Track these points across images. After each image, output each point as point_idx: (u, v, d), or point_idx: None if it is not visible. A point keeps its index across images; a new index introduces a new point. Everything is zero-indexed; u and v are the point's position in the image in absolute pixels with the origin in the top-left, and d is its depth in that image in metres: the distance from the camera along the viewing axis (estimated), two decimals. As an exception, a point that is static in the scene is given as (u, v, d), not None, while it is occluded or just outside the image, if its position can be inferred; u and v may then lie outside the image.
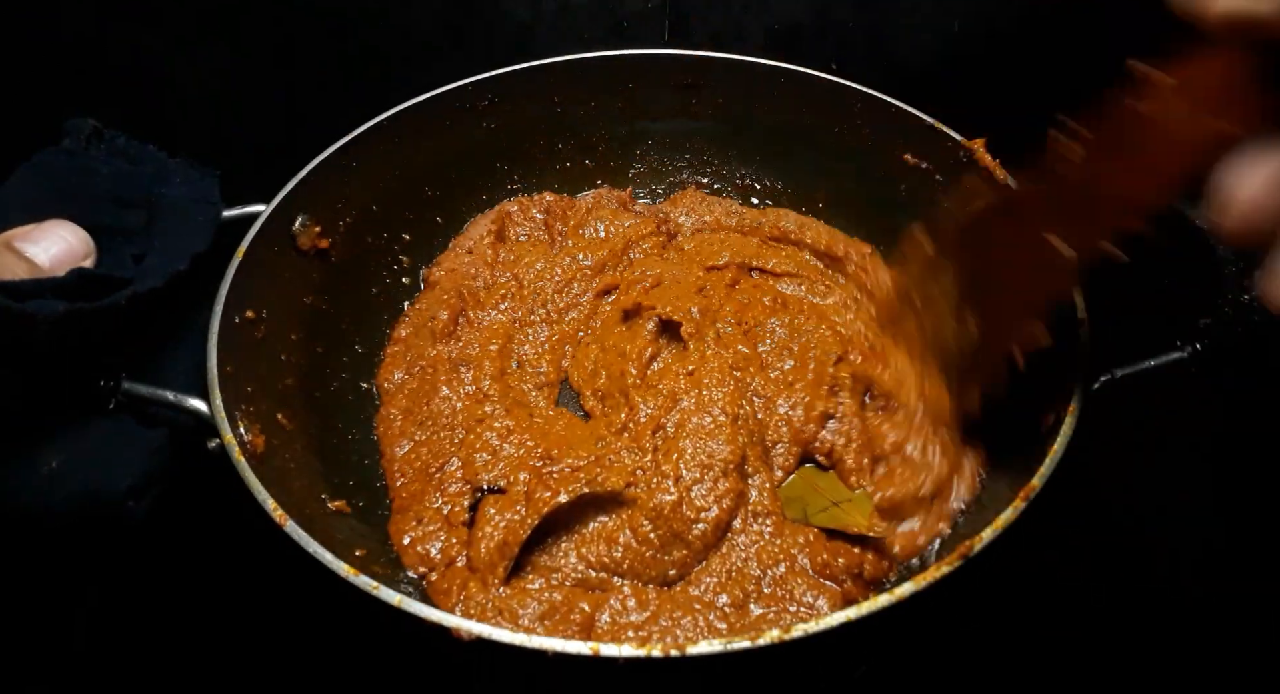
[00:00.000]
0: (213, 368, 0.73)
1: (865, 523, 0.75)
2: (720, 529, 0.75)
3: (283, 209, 0.86)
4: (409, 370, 0.93)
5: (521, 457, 0.81)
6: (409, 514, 0.80)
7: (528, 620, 0.71)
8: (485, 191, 1.08)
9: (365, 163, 0.94)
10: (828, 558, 0.74)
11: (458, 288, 0.99)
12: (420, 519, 0.79)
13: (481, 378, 0.90)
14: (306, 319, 0.90)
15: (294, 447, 0.80)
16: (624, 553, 0.74)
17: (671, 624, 0.71)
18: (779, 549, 0.75)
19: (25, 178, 0.76)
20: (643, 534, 0.74)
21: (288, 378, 0.85)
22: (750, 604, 0.73)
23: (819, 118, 1.01)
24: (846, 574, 0.74)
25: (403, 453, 0.86)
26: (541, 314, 0.97)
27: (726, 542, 0.76)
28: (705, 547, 0.75)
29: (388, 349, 0.96)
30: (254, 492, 0.66)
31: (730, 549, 0.76)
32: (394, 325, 0.98)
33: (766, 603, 0.73)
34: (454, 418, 0.87)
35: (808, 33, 1.23)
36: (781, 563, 0.74)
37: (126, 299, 0.67)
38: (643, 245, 1.02)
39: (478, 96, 1.01)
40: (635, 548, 0.74)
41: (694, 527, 0.74)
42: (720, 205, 1.08)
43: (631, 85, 1.06)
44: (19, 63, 1.11)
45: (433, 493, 0.81)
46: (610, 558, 0.74)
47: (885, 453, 0.81)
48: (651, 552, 0.74)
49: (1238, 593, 0.84)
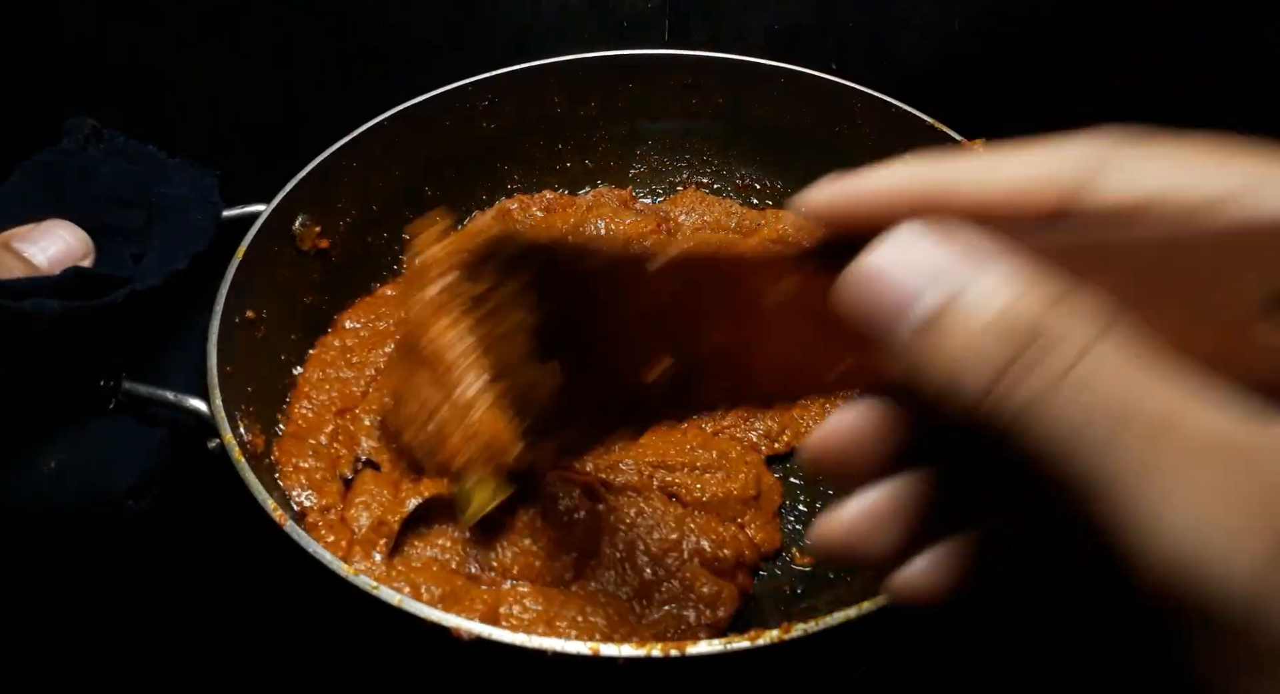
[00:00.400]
0: (213, 368, 0.73)
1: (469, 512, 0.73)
2: (595, 517, 0.75)
3: (283, 209, 0.86)
4: (368, 323, 0.93)
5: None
6: (303, 442, 0.80)
7: (428, 598, 0.70)
8: (485, 191, 1.08)
9: (365, 163, 0.94)
10: (713, 545, 0.75)
11: None
12: (313, 451, 0.80)
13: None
14: (306, 319, 0.90)
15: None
16: (514, 558, 0.74)
17: (584, 620, 0.70)
18: (663, 537, 0.75)
19: (24, 178, 0.76)
20: (527, 538, 0.74)
21: (288, 377, 0.85)
22: (654, 594, 0.72)
23: (819, 118, 1.01)
24: (735, 565, 0.75)
25: (315, 379, 0.86)
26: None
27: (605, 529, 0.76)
28: (592, 540, 0.75)
29: (364, 299, 0.96)
30: (254, 492, 0.66)
31: (615, 537, 0.76)
32: (383, 284, 0.98)
33: (667, 602, 0.72)
34: (373, 374, 0.87)
35: (808, 33, 1.23)
36: (670, 553, 0.74)
37: (124, 298, 0.68)
38: (644, 242, 1.02)
39: (478, 96, 1.01)
40: (525, 548, 0.74)
41: (572, 529, 0.74)
42: (720, 206, 1.08)
43: (631, 85, 1.06)
44: (19, 63, 1.11)
45: (324, 432, 0.82)
46: (499, 561, 0.74)
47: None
48: (539, 562, 0.73)
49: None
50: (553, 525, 0.74)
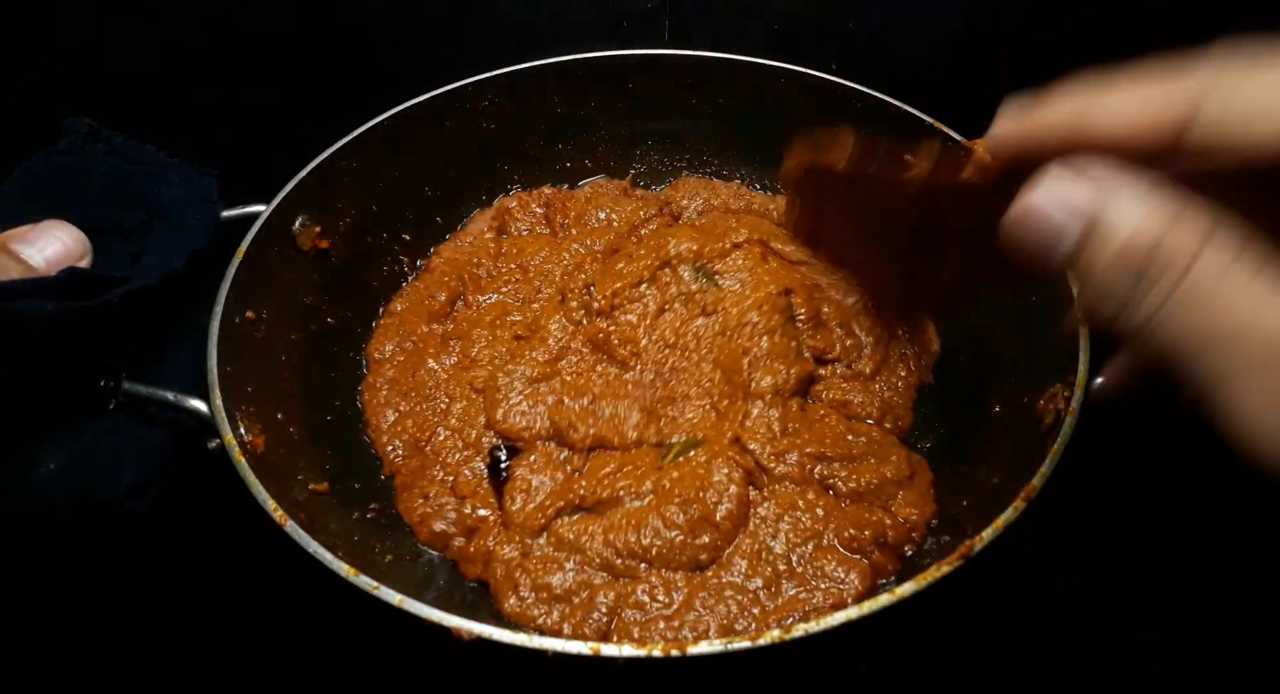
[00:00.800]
0: (213, 368, 0.73)
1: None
2: (744, 505, 0.76)
3: (283, 209, 0.86)
4: (399, 344, 0.94)
5: (553, 405, 0.84)
6: (414, 491, 0.81)
7: (553, 592, 0.73)
8: (485, 191, 1.08)
9: (365, 163, 0.94)
10: (854, 531, 0.75)
11: (459, 272, 1.00)
12: (426, 495, 0.81)
13: (470, 347, 0.91)
14: (306, 319, 0.90)
15: (287, 433, 0.80)
16: (652, 539, 0.74)
17: (705, 612, 0.71)
18: (806, 527, 0.76)
19: (22, 179, 0.76)
20: (670, 519, 0.75)
21: (287, 377, 0.85)
22: (783, 582, 0.73)
23: (819, 118, 1.01)
24: (873, 544, 0.75)
25: (388, 424, 0.87)
26: (548, 293, 0.96)
27: (752, 518, 0.77)
28: (734, 527, 0.75)
29: (381, 321, 0.97)
30: (254, 492, 0.66)
31: (757, 528, 0.76)
32: (390, 300, 0.99)
33: (798, 583, 0.73)
34: (438, 389, 0.89)
35: (808, 33, 1.23)
36: (810, 541, 0.75)
37: (120, 298, 0.67)
38: (649, 226, 1.03)
39: (478, 96, 1.01)
40: (664, 534, 0.74)
41: (719, 508, 0.75)
42: (726, 189, 1.08)
43: (631, 85, 1.06)
44: (19, 63, 1.11)
45: (433, 467, 0.83)
46: (639, 544, 0.74)
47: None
48: (681, 536, 0.74)
49: (1238, 593, 0.84)
50: (699, 505, 0.75)
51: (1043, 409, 0.75)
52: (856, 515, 0.77)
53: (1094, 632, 0.81)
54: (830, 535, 0.75)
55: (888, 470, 0.80)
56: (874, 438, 0.83)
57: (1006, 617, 0.83)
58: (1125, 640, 0.81)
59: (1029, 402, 0.77)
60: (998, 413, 0.83)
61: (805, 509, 0.77)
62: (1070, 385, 0.72)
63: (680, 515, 0.75)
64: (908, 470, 0.80)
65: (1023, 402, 0.79)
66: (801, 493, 0.78)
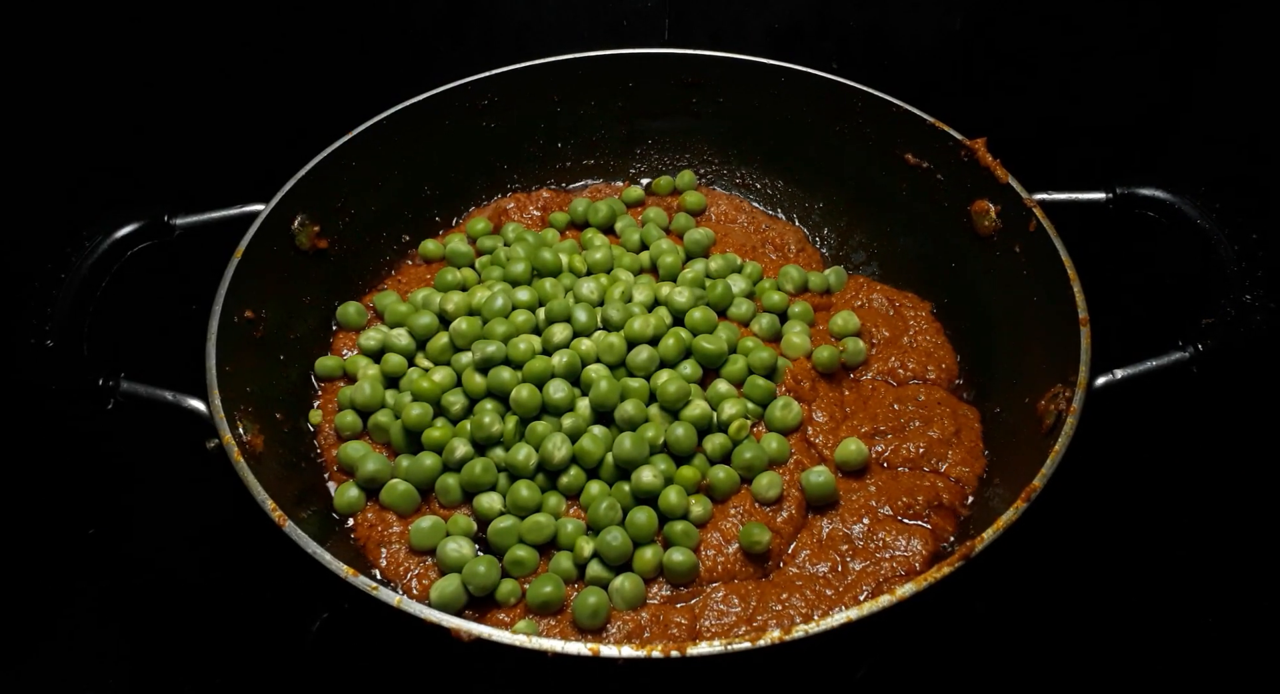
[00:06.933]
0: (212, 368, 0.73)
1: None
2: (803, 508, 0.77)
3: (282, 209, 0.86)
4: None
5: None
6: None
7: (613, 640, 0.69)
8: (485, 191, 1.08)
9: (365, 163, 0.94)
10: (907, 499, 0.76)
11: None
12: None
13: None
14: (306, 319, 0.90)
15: (287, 433, 0.80)
16: (715, 558, 0.74)
17: (783, 608, 0.70)
18: (861, 504, 0.76)
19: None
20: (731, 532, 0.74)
21: (287, 377, 0.85)
22: (848, 562, 0.73)
23: (819, 117, 1.01)
24: (928, 508, 0.76)
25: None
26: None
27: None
28: (795, 530, 0.76)
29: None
30: (254, 492, 0.66)
31: (813, 518, 0.77)
32: (371, 292, 0.97)
33: (864, 558, 0.73)
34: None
35: (808, 32, 1.23)
36: (865, 516, 0.76)
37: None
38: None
39: (478, 96, 1.01)
40: (725, 549, 0.74)
41: (778, 514, 0.76)
42: (727, 201, 1.08)
43: (631, 85, 1.06)
44: (19, 63, 1.11)
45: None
46: (703, 568, 0.73)
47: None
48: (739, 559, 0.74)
49: (1238, 593, 0.84)
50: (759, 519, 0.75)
51: (1043, 409, 0.75)
52: (909, 482, 0.78)
53: (1094, 632, 0.81)
54: (886, 507, 0.76)
55: (934, 431, 0.81)
56: (920, 400, 0.84)
57: (1006, 617, 0.83)
58: (1126, 640, 0.81)
59: (1029, 402, 0.78)
60: (998, 413, 0.84)
61: (858, 487, 0.78)
62: (1070, 385, 0.72)
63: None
64: (953, 427, 0.81)
65: (1023, 402, 0.79)
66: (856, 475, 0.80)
